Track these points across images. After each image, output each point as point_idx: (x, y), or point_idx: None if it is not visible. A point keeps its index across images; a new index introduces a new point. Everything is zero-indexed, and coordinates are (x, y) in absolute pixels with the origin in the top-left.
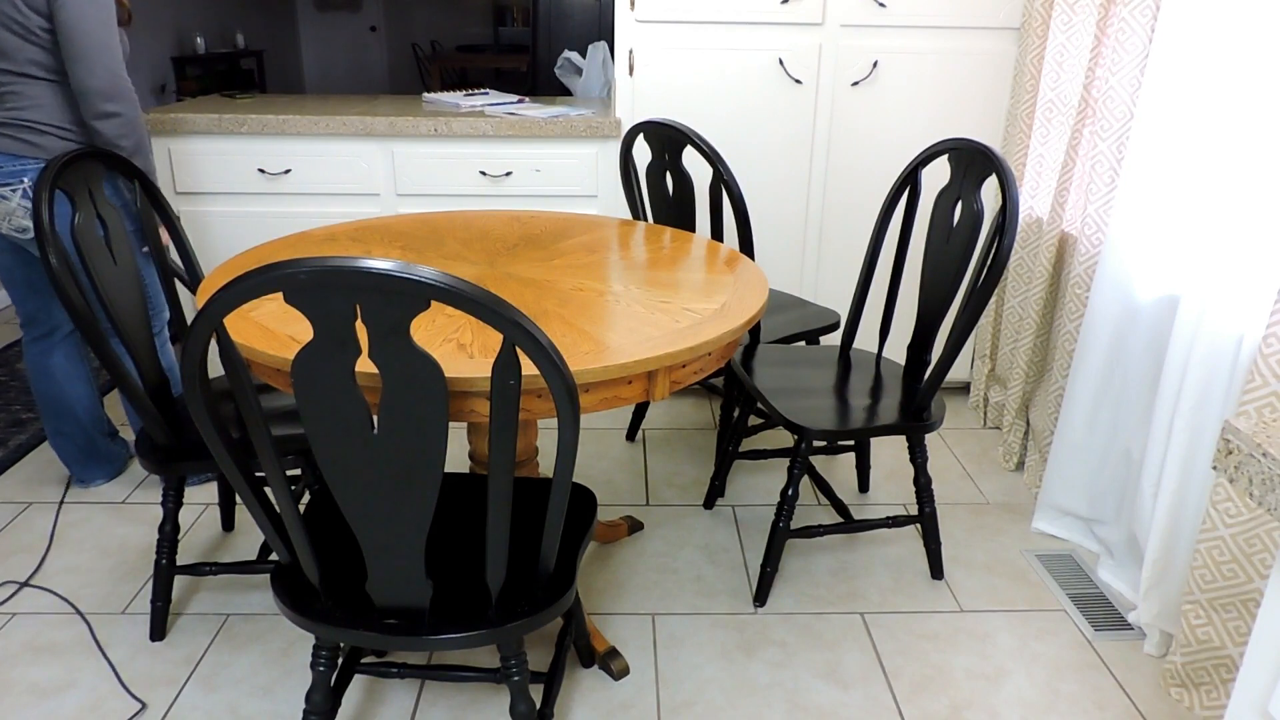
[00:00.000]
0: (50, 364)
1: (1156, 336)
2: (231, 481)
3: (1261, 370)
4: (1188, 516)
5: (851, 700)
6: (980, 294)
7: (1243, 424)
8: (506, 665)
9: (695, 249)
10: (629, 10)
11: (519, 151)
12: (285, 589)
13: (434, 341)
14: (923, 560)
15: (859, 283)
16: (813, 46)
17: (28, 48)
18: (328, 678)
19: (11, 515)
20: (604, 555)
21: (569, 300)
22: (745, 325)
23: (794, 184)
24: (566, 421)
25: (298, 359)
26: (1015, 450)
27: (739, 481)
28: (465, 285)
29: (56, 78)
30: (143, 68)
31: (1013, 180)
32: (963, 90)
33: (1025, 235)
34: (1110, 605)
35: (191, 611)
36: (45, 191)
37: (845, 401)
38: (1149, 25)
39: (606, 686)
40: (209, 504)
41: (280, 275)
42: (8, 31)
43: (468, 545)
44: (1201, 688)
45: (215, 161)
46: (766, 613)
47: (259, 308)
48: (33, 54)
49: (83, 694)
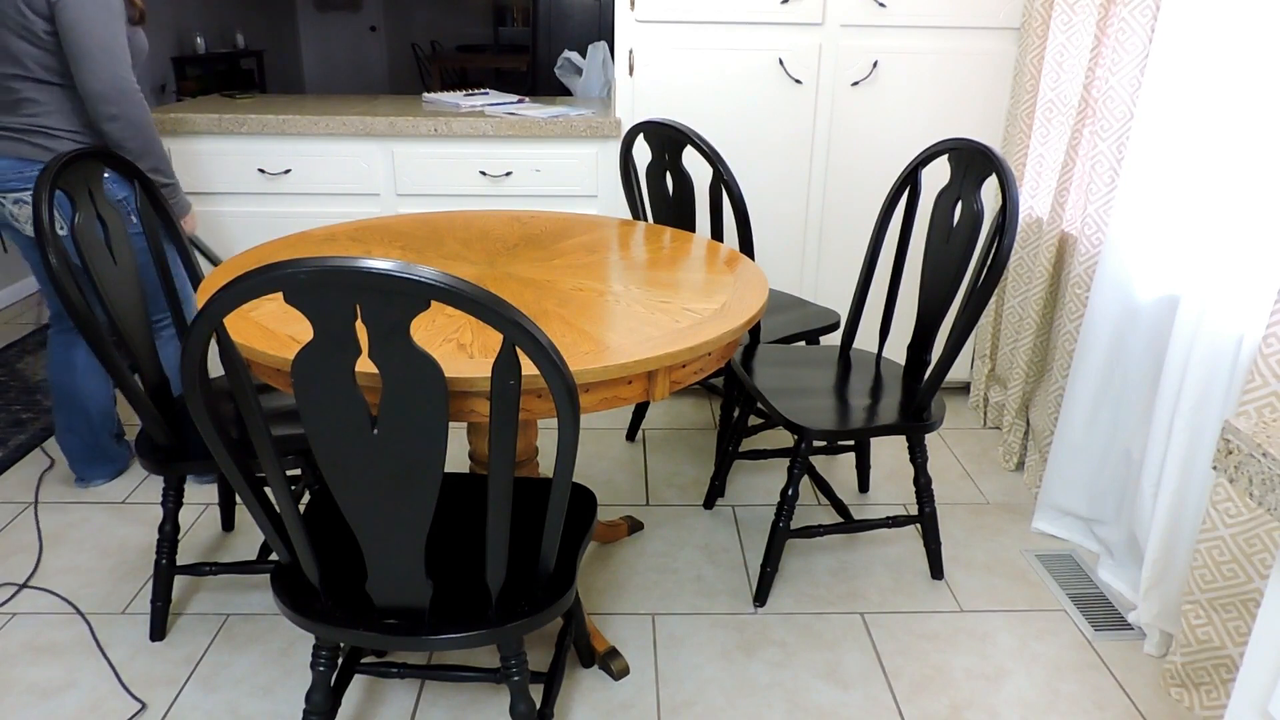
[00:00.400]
0: (72, 357)
1: (1156, 336)
2: (231, 481)
3: (1261, 370)
4: (1188, 516)
5: (851, 700)
6: (980, 294)
7: (1243, 424)
8: (506, 665)
9: (695, 249)
10: (629, 10)
11: (519, 151)
12: (285, 589)
13: (434, 341)
14: (923, 560)
15: (859, 283)
16: (813, 46)
17: (35, 52)
18: (328, 678)
19: (11, 515)
20: (604, 555)
21: (569, 300)
22: (745, 325)
23: (794, 184)
24: (566, 421)
25: (298, 359)
26: (1015, 450)
27: (739, 481)
28: (465, 285)
29: (66, 81)
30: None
31: (1013, 180)
32: (963, 90)
33: (1025, 235)
34: (1110, 605)
35: (191, 611)
36: (45, 191)
37: (845, 401)
38: (1149, 25)
39: (606, 686)
40: (209, 504)
41: (280, 275)
42: (15, 36)
43: (468, 545)
44: (1201, 688)
45: (215, 161)
46: (766, 613)
47: (259, 308)
48: (41, 58)
49: (83, 694)
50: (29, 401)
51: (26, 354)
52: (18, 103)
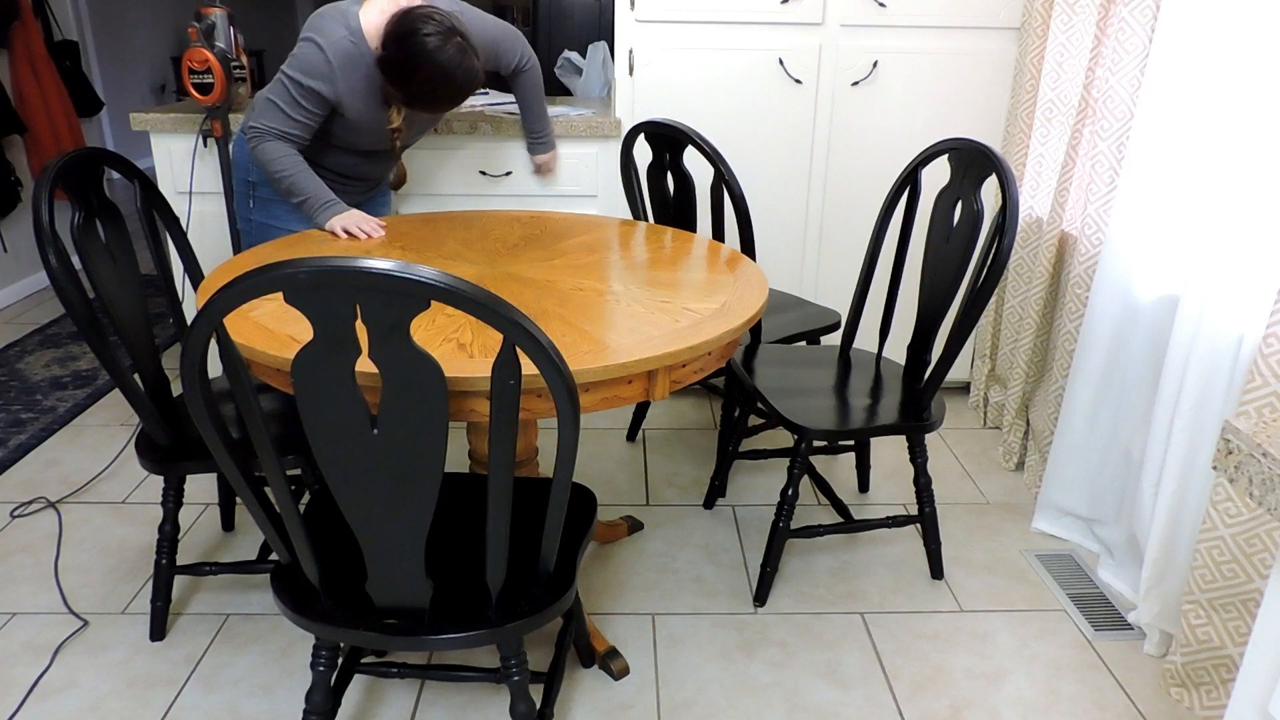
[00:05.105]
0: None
1: (1156, 336)
2: (231, 481)
3: (1261, 370)
4: (1188, 516)
5: (851, 700)
6: (980, 294)
7: (1243, 424)
8: (506, 665)
9: (696, 249)
10: (629, 10)
11: (519, 151)
12: (285, 589)
13: (434, 341)
14: (923, 560)
15: (859, 283)
16: (813, 46)
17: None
18: (328, 678)
19: (11, 515)
20: (604, 555)
21: (569, 300)
22: (745, 325)
23: (794, 184)
24: (566, 421)
25: (298, 359)
26: (1015, 450)
27: (739, 481)
28: (465, 285)
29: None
30: (143, 68)
31: (1013, 180)
32: (963, 90)
33: (1025, 235)
34: (1110, 605)
35: (191, 611)
36: (45, 191)
37: (845, 401)
38: (1149, 25)
39: (606, 686)
40: (209, 504)
41: (280, 275)
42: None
43: (468, 545)
44: (1201, 688)
45: (215, 161)
46: (766, 613)
47: (259, 308)
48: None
49: (83, 694)
50: (29, 401)
51: (26, 354)
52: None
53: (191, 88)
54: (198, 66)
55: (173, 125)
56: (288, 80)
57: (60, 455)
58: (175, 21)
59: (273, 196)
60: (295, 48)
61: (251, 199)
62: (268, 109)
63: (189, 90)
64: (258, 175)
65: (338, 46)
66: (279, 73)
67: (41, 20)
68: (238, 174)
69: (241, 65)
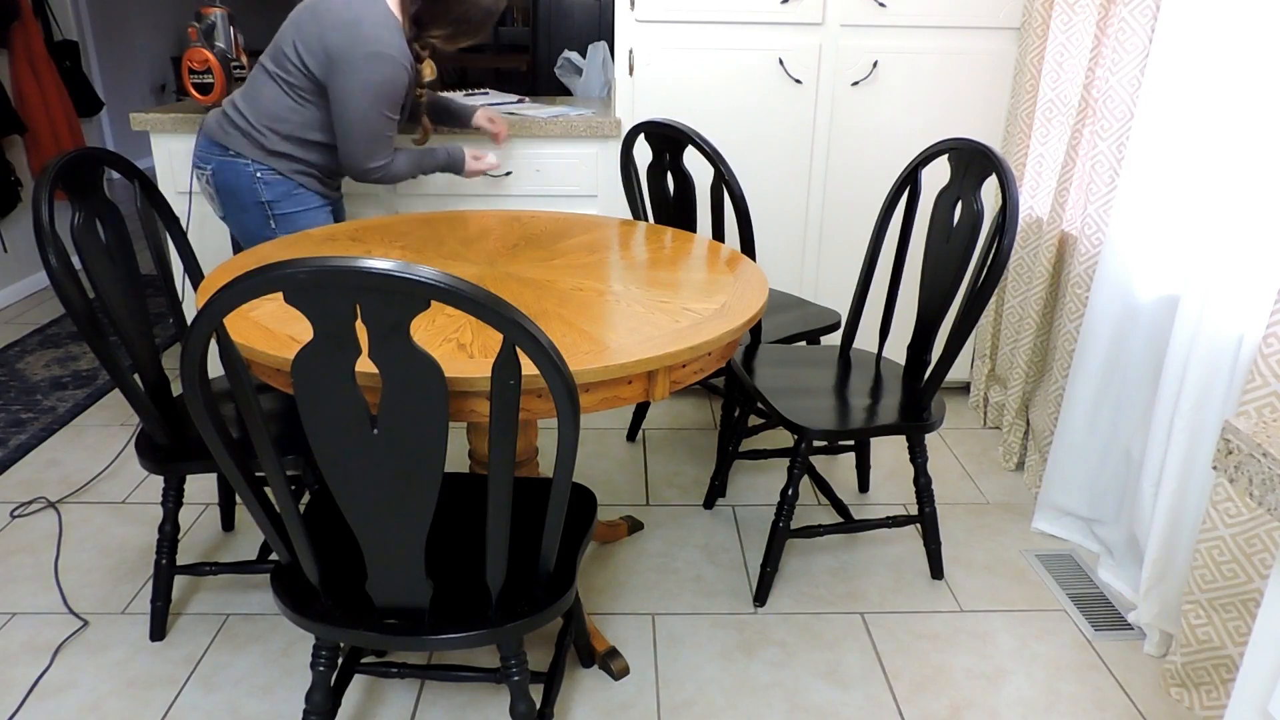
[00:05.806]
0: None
1: (1156, 336)
2: (231, 481)
3: (1261, 370)
4: (1188, 516)
5: (851, 700)
6: (980, 294)
7: (1243, 424)
8: (506, 665)
9: (696, 249)
10: (629, 10)
11: (519, 151)
12: (285, 589)
13: (434, 341)
14: (923, 560)
15: (859, 283)
16: (813, 46)
17: (290, 68)
18: (328, 678)
19: (11, 515)
20: (604, 555)
21: (569, 300)
22: (745, 325)
23: (794, 184)
24: (566, 421)
25: (298, 359)
26: (1015, 450)
27: (739, 481)
28: (465, 285)
29: (286, 89)
30: (143, 68)
31: (1013, 180)
32: (963, 90)
33: (1025, 235)
34: (1110, 605)
35: (191, 611)
36: (45, 191)
37: (845, 401)
38: (1149, 25)
39: (606, 686)
40: (209, 504)
41: (280, 275)
42: (281, 51)
43: (468, 545)
44: (1201, 688)
45: None
46: (766, 613)
47: (259, 308)
48: (303, 82)
49: (83, 694)
50: (29, 401)
51: (26, 354)
52: (244, 80)
53: (191, 88)
54: (198, 66)
55: (173, 125)
56: (386, 105)
57: (60, 455)
58: (175, 21)
59: (292, 210)
60: (362, 65)
61: (271, 219)
62: (379, 143)
63: (189, 90)
64: (269, 194)
65: (400, 46)
66: (369, 105)
67: (41, 20)
68: (243, 200)
69: (241, 65)
